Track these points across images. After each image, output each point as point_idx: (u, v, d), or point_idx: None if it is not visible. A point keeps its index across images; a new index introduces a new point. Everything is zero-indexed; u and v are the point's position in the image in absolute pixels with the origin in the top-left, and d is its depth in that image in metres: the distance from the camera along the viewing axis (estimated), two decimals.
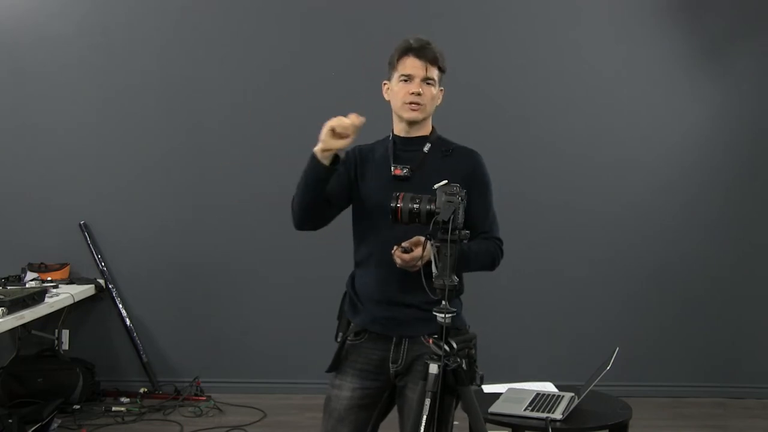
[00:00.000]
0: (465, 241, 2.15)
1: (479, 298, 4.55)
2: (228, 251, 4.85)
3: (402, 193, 2.14)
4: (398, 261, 2.18)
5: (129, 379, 4.80)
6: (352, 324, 2.34)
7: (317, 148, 2.18)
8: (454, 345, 2.12)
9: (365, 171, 2.36)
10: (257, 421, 4.37)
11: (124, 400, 4.62)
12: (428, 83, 2.31)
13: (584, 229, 4.89)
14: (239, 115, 4.85)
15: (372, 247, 2.31)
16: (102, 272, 4.80)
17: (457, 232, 2.06)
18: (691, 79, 4.88)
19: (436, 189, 2.12)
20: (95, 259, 4.80)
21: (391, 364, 2.31)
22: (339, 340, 2.37)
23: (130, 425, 4.32)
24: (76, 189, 4.85)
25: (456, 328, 2.24)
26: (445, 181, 2.14)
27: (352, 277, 2.40)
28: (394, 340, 2.30)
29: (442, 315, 2.08)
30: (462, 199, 2.08)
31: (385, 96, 2.39)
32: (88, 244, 4.80)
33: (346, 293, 2.42)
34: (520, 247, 4.83)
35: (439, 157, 2.35)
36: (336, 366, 2.34)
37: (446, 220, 2.05)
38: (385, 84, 2.39)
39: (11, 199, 4.84)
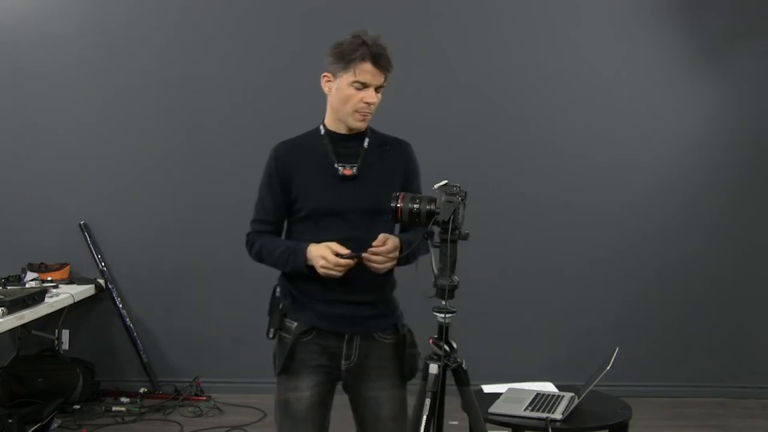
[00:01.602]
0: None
1: (479, 299, 4.58)
2: (228, 251, 4.83)
3: (402, 193, 2.14)
4: (375, 264, 2.16)
5: (129, 379, 4.80)
6: (296, 323, 2.27)
7: (318, 263, 2.15)
8: (454, 345, 2.13)
9: (299, 171, 2.28)
10: (257, 421, 4.37)
11: (124, 400, 4.62)
12: (379, 90, 2.25)
13: (584, 229, 4.89)
14: (239, 115, 4.85)
15: None
16: (102, 272, 4.80)
17: (457, 232, 2.06)
18: (691, 79, 4.88)
19: (436, 189, 2.11)
20: (95, 259, 4.80)
21: (343, 361, 2.29)
22: (272, 336, 2.31)
23: (130, 425, 4.32)
24: (76, 189, 4.85)
25: (394, 325, 2.32)
26: (445, 181, 2.14)
27: (289, 275, 2.31)
28: (346, 336, 2.28)
29: (442, 315, 2.08)
30: (462, 199, 2.08)
31: (325, 89, 2.28)
32: (88, 244, 4.80)
33: (276, 289, 2.35)
34: (520, 247, 4.88)
35: (378, 152, 2.33)
36: (287, 368, 2.27)
37: (446, 220, 2.05)
38: (326, 77, 2.26)
39: (11, 199, 4.84)
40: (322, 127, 2.34)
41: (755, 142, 4.91)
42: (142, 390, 4.70)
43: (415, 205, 2.11)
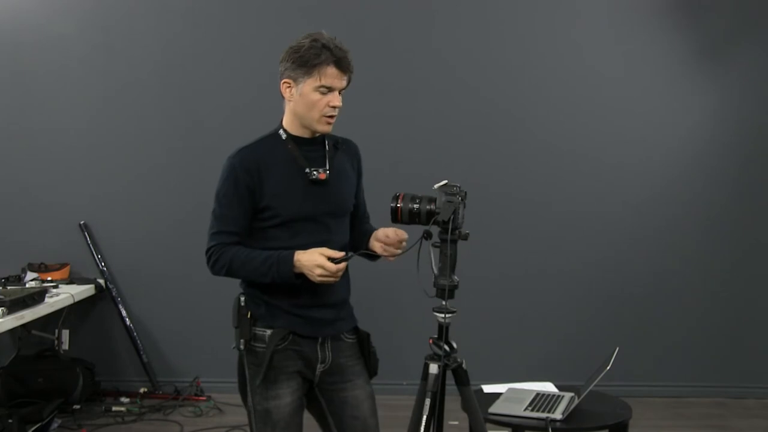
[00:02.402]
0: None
1: (480, 299, 4.58)
2: None
3: (402, 193, 2.15)
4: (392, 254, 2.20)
5: (129, 379, 4.81)
6: (270, 330, 2.24)
7: (315, 272, 2.12)
8: (454, 345, 2.13)
9: (269, 178, 2.23)
10: None
11: (124, 400, 4.62)
12: (341, 93, 2.24)
13: (584, 229, 4.89)
14: (239, 115, 4.84)
15: None
16: (102, 272, 4.80)
17: (457, 232, 2.06)
18: (691, 80, 4.88)
19: (436, 189, 2.12)
20: (95, 259, 4.80)
21: (319, 365, 2.29)
22: (242, 347, 2.24)
23: (130, 425, 4.32)
24: (76, 189, 4.85)
25: (355, 326, 2.36)
26: (445, 181, 2.15)
27: (257, 284, 2.26)
28: (320, 340, 2.29)
29: (442, 315, 2.08)
30: (462, 199, 2.09)
31: (285, 95, 2.27)
32: (88, 244, 4.80)
33: (240, 298, 2.29)
34: (520, 247, 4.87)
35: (336, 152, 2.33)
36: (266, 376, 2.23)
37: (446, 220, 2.05)
38: (286, 83, 2.25)
39: (11, 199, 4.84)
40: (282, 131, 2.31)
41: (755, 142, 4.90)
42: (142, 390, 4.70)
43: (415, 205, 2.12)
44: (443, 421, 2.18)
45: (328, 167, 2.26)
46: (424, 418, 2.06)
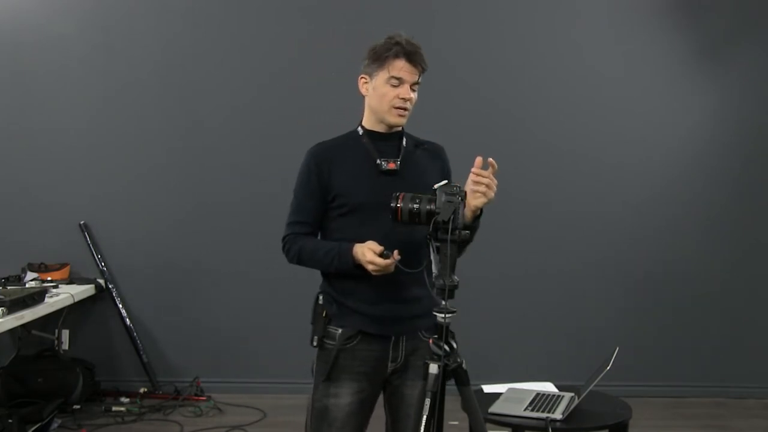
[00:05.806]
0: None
1: (480, 299, 4.58)
2: (228, 251, 4.85)
3: (402, 194, 2.14)
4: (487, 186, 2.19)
5: (129, 379, 4.80)
6: (341, 329, 2.27)
7: (368, 268, 2.13)
8: (455, 345, 2.13)
9: (339, 168, 2.29)
10: (257, 421, 4.37)
11: (124, 400, 4.62)
12: (414, 88, 2.30)
13: (584, 230, 4.89)
14: (239, 115, 4.85)
15: None
16: (102, 272, 4.80)
17: (457, 232, 2.06)
18: (691, 80, 4.88)
19: (436, 189, 2.11)
20: (95, 259, 4.80)
21: (390, 363, 2.30)
22: (315, 344, 2.30)
23: (130, 425, 4.32)
24: (76, 189, 4.85)
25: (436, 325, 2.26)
26: (445, 181, 2.15)
27: (331, 281, 2.32)
28: (393, 339, 2.28)
29: (442, 315, 2.07)
30: (462, 199, 2.08)
31: (362, 90, 2.33)
32: (88, 244, 4.80)
33: (319, 296, 2.34)
34: (521, 248, 4.88)
35: (416, 150, 2.37)
36: (332, 374, 2.27)
37: (446, 220, 2.05)
38: (363, 78, 2.32)
39: (11, 199, 4.84)
40: (360, 128, 2.36)
41: (755, 143, 4.91)
42: (142, 390, 4.70)
43: (415, 205, 2.11)
44: (443, 421, 2.17)
45: (400, 159, 2.29)
46: (424, 418, 2.06)
